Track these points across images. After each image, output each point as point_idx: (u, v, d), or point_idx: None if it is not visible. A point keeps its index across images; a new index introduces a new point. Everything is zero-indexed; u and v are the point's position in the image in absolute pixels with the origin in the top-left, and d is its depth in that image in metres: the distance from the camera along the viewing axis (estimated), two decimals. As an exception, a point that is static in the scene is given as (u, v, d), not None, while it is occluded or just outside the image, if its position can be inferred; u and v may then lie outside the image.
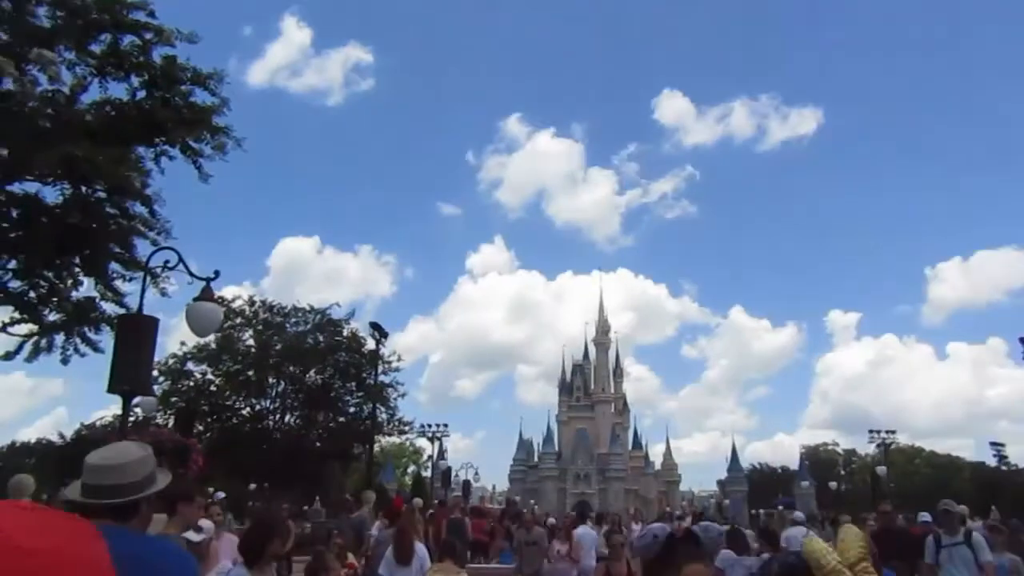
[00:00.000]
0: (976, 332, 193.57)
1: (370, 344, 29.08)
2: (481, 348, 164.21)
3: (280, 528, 4.95)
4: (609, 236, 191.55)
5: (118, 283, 13.55)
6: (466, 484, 51.80)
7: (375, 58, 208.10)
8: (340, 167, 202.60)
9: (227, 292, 27.57)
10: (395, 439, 32.19)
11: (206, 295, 8.68)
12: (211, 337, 27.14)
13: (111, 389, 7.96)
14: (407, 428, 30.39)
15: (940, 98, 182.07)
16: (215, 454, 28.13)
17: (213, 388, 27.24)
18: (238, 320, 27.43)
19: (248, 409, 27.76)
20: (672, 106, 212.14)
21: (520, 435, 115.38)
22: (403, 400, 29.70)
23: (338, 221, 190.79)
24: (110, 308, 13.73)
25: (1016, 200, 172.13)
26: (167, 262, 9.13)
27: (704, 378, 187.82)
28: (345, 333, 28.36)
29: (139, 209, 12.96)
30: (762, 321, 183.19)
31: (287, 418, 28.08)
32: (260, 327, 27.41)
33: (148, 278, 9.55)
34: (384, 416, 28.75)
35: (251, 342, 27.57)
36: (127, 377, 7.92)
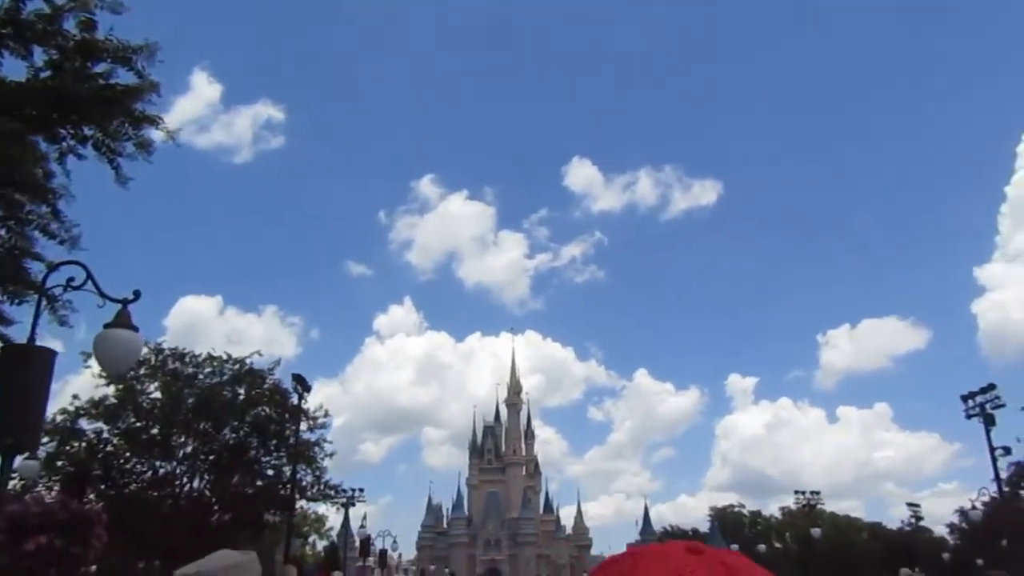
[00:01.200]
0: (863, 397, 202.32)
1: (294, 399, 25.98)
2: (387, 411, 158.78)
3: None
4: (519, 298, 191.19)
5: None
6: (383, 554, 48.00)
7: (286, 116, 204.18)
8: (246, 225, 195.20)
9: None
10: (319, 505, 28.03)
11: (122, 320, 6.41)
12: (109, 390, 23.48)
13: (-14, 443, 5.62)
14: (333, 492, 26.98)
15: (833, 175, 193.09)
16: (113, 527, 24.18)
17: (109, 449, 23.35)
18: (142, 371, 23.80)
19: (150, 473, 23.88)
20: (581, 173, 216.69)
21: (429, 500, 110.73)
22: (329, 460, 26.50)
23: (242, 280, 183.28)
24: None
25: (898, 272, 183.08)
26: (71, 280, 6.62)
27: (610, 440, 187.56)
28: (267, 385, 25.06)
29: (34, 208, 9.90)
30: (666, 384, 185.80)
31: (195, 483, 24.24)
32: (168, 378, 23.83)
33: (44, 301, 6.94)
34: (309, 479, 25.59)
35: (157, 395, 23.92)
36: (9, 426, 5.65)
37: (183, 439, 23.94)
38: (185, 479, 24.02)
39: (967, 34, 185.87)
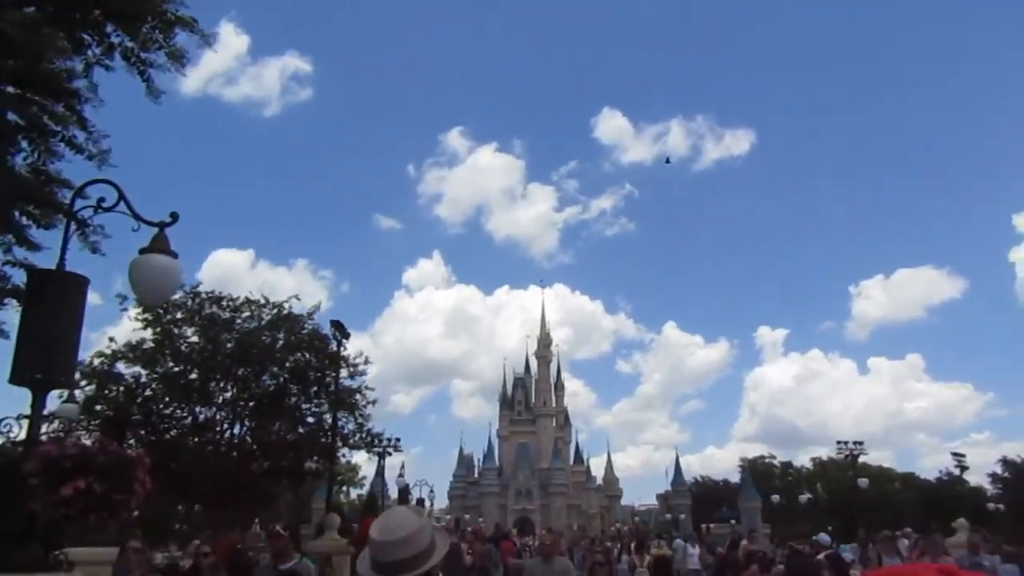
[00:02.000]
0: (896, 348, 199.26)
1: (332, 346, 24.99)
2: (417, 363, 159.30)
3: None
4: (548, 252, 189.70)
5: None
6: (420, 502, 47.67)
7: (314, 68, 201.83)
8: (276, 179, 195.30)
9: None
10: (358, 454, 27.07)
11: (158, 246, 5.30)
12: (146, 334, 22.63)
13: (14, 379, 4.58)
14: (377, 440, 26.06)
15: (867, 124, 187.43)
16: (154, 472, 23.55)
17: (148, 393, 22.55)
18: (179, 314, 22.84)
19: (190, 419, 23.07)
20: (611, 124, 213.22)
21: (460, 451, 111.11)
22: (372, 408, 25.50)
23: (274, 234, 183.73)
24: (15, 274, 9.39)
25: (934, 221, 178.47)
26: (101, 200, 5.41)
27: (638, 392, 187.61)
28: (305, 331, 24.01)
29: (60, 111, 8.62)
30: (695, 337, 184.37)
31: (235, 429, 23.43)
32: (205, 323, 22.86)
33: (72, 224, 5.72)
34: (350, 427, 24.68)
35: (195, 339, 22.98)
36: (38, 360, 4.74)
37: (222, 384, 23.07)
38: (225, 425, 23.25)
39: None
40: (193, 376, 22.40)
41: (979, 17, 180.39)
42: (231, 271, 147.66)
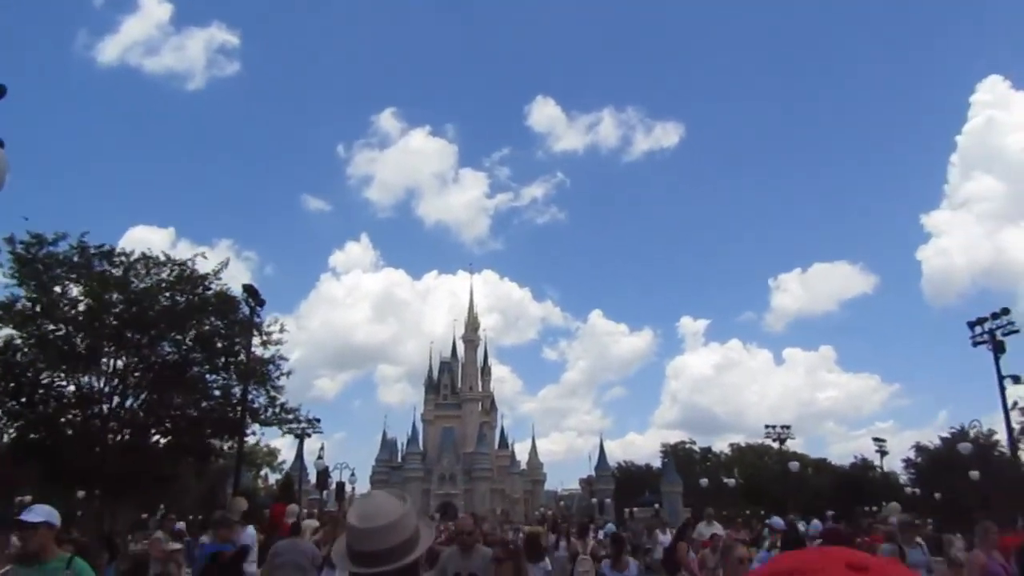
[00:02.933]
0: (810, 340, 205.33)
1: (244, 312, 22.21)
2: (342, 347, 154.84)
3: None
4: (478, 238, 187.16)
5: None
6: (340, 486, 45.01)
7: (241, 41, 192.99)
8: (200, 156, 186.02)
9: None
10: (272, 434, 23.84)
11: None
12: (21, 291, 19.29)
13: None
14: (291, 416, 23.26)
15: (790, 121, 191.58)
16: (27, 449, 20.26)
17: (20, 358, 19.29)
18: (59, 271, 19.60)
19: (74, 388, 19.87)
20: (544, 113, 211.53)
21: (384, 435, 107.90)
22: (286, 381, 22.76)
23: (196, 213, 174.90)
24: None
25: (850, 217, 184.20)
26: None
27: (563, 379, 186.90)
28: (211, 291, 21.02)
29: None
30: (620, 325, 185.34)
31: (127, 402, 20.29)
32: (94, 282, 19.69)
33: None
34: (261, 401, 21.88)
35: (80, 300, 19.79)
36: None
37: (112, 351, 19.93)
38: (117, 398, 20.11)
39: None
40: (78, 340, 19.26)
41: (900, 13, 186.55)
42: (149, 249, 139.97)
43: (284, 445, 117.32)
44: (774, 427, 47.78)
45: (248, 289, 21.80)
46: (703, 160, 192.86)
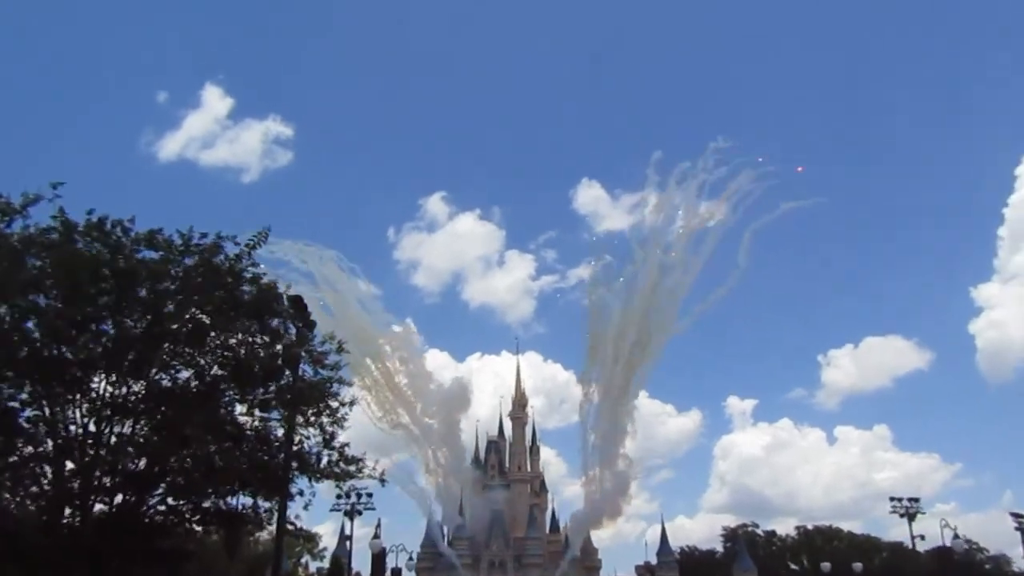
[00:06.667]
0: (863, 417, 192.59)
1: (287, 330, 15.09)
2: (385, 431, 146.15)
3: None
4: (522, 320, 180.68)
5: None
6: (396, 572, 36.70)
7: (295, 132, 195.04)
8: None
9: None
10: (333, 486, 15.36)
11: None
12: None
13: None
14: (356, 467, 15.38)
15: (838, 195, 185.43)
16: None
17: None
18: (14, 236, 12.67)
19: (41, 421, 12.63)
20: (590, 194, 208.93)
21: (428, 519, 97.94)
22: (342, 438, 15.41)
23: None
24: None
25: (901, 291, 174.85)
26: None
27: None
28: (245, 285, 13.92)
29: None
30: (667, 406, 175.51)
31: (112, 437, 12.85)
32: (66, 255, 12.59)
33: None
34: (315, 443, 14.46)
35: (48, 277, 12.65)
36: None
37: (103, 365, 12.81)
38: (92, 427, 12.71)
39: (969, 55, 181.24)
40: (36, 336, 12.28)
41: (948, 86, 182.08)
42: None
43: (325, 532, 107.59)
44: (900, 499, 38.78)
45: (295, 301, 14.72)
46: (748, 236, 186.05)
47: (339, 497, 38.65)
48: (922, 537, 38.40)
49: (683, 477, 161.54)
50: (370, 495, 38.33)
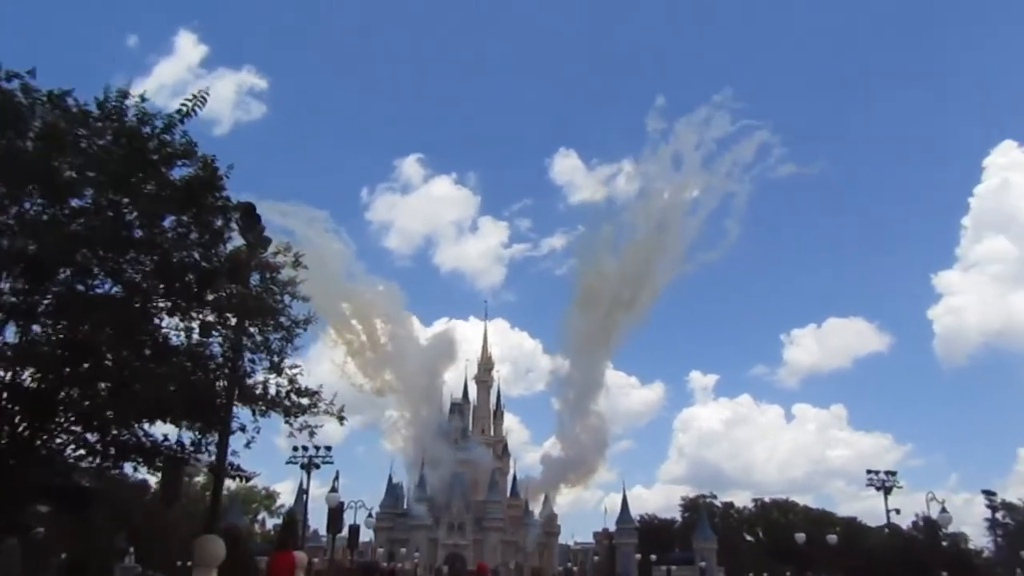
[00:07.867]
0: (822, 396, 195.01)
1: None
2: (348, 391, 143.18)
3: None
4: (492, 287, 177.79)
5: None
6: (354, 530, 34.10)
7: (270, 85, 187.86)
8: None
9: None
10: (290, 424, 12.31)
11: None
12: None
13: None
14: (311, 399, 12.37)
15: (806, 176, 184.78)
16: None
17: None
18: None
19: None
20: (566, 164, 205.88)
21: (389, 479, 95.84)
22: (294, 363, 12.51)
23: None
24: None
25: (865, 274, 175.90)
26: None
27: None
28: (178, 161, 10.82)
29: None
30: (631, 378, 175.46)
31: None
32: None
33: None
34: (261, 365, 11.54)
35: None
36: None
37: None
38: None
39: (945, 44, 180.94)
40: None
41: (919, 72, 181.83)
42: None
43: (284, 490, 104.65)
44: (876, 472, 37.32)
45: (244, 209, 11.58)
46: (717, 213, 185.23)
47: (295, 450, 36.40)
48: (897, 511, 36.95)
49: (643, 448, 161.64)
50: (328, 448, 35.85)
